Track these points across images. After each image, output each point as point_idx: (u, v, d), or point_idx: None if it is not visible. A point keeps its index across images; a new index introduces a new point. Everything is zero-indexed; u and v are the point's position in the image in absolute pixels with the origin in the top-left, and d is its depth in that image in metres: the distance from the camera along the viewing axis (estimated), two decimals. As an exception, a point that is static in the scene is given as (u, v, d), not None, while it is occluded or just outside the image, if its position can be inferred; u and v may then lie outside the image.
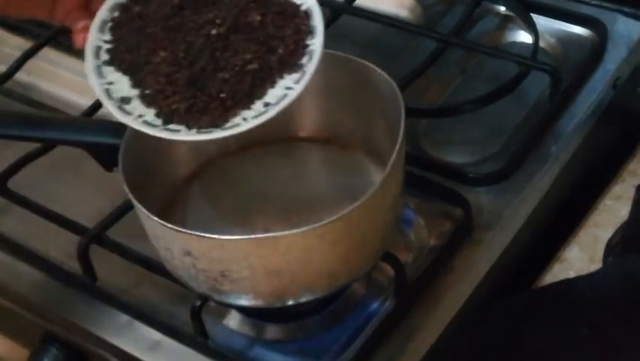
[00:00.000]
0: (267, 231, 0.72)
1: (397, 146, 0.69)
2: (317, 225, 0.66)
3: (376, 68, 0.74)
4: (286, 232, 0.66)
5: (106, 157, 0.73)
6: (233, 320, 0.77)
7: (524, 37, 0.92)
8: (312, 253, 0.67)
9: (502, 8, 0.94)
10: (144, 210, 0.68)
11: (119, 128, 0.73)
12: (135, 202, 0.69)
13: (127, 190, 0.69)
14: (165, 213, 0.76)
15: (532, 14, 0.91)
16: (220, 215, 0.77)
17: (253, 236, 0.67)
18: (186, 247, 0.68)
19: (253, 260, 0.67)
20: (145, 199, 0.69)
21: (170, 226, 0.68)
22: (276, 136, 0.80)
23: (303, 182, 0.79)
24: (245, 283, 0.69)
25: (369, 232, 0.69)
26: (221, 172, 0.79)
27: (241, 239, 0.67)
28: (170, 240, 0.70)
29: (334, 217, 0.66)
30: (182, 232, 0.68)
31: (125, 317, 0.78)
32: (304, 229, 0.66)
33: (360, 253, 0.70)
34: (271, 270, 0.68)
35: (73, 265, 0.80)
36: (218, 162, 0.80)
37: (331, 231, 0.67)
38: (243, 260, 0.67)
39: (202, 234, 0.67)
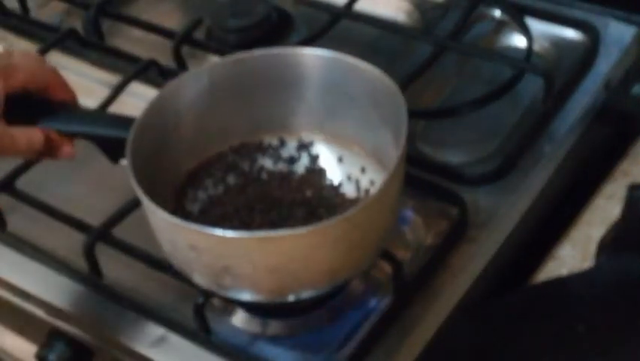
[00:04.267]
0: (267, 229, 0.74)
1: (400, 151, 0.69)
2: (319, 225, 0.67)
3: (380, 72, 0.74)
4: (289, 232, 0.67)
5: (113, 150, 0.73)
6: (235, 317, 0.77)
7: (519, 40, 0.92)
8: (313, 251, 0.68)
9: (497, 13, 0.95)
10: (150, 202, 0.68)
11: (127, 121, 0.74)
12: (141, 194, 0.69)
13: (133, 182, 0.69)
14: (171, 206, 0.77)
15: (526, 19, 0.92)
16: (224, 211, 0.77)
17: (256, 234, 0.68)
18: (191, 242, 0.68)
19: (255, 257, 0.67)
20: (151, 192, 0.69)
21: (175, 219, 0.68)
22: (280, 136, 0.81)
23: (307, 181, 0.79)
24: (247, 278, 0.69)
25: (369, 232, 0.70)
26: (226, 168, 0.80)
27: (244, 237, 0.67)
28: (174, 234, 0.70)
29: (336, 219, 0.67)
30: (187, 226, 0.68)
31: (130, 314, 0.79)
32: (306, 228, 0.66)
33: (360, 252, 0.70)
34: (272, 267, 0.68)
35: (80, 263, 0.81)
36: (225, 159, 0.80)
37: (333, 231, 0.67)
38: (245, 257, 0.67)
39: (207, 229, 0.68)
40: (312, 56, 0.77)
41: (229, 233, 0.67)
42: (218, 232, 0.67)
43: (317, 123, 0.80)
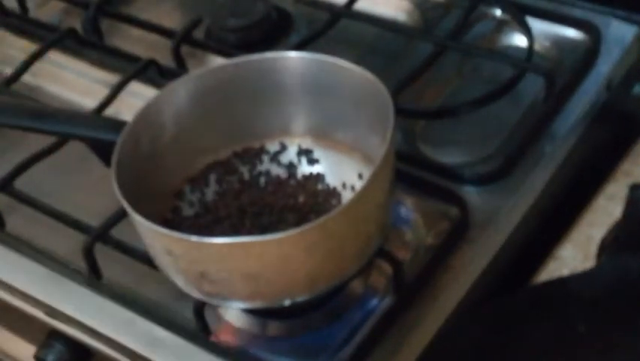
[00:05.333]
0: (256, 233, 0.73)
1: (382, 157, 0.68)
2: (291, 232, 0.66)
3: (371, 75, 0.73)
4: (260, 238, 0.66)
5: (106, 153, 0.73)
6: (235, 317, 0.77)
7: (519, 40, 0.92)
8: (287, 259, 0.67)
9: (498, 12, 0.94)
10: (128, 205, 0.68)
11: (120, 125, 0.74)
12: (121, 198, 0.69)
13: (115, 186, 0.69)
14: (168, 211, 0.77)
15: (527, 18, 0.91)
16: (217, 216, 0.77)
17: (227, 240, 0.67)
18: (166, 246, 0.68)
19: (229, 263, 0.67)
20: (144, 197, 0.69)
21: (148, 223, 0.68)
22: (281, 141, 0.80)
23: (303, 186, 0.79)
24: (224, 284, 0.69)
25: (347, 240, 0.68)
26: (226, 173, 0.80)
27: (215, 242, 0.66)
28: (151, 238, 0.70)
29: (308, 225, 0.66)
30: (160, 231, 0.68)
31: (129, 314, 0.78)
32: (278, 235, 0.66)
33: (339, 261, 0.69)
34: (247, 274, 0.67)
35: (79, 263, 0.81)
36: (226, 164, 0.80)
37: (306, 238, 0.66)
38: (219, 263, 0.67)
39: (178, 234, 0.67)
40: (307, 60, 0.77)
41: (200, 238, 0.66)
42: (189, 237, 0.67)
43: (317, 128, 0.79)
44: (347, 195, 0.77)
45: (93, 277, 0.81)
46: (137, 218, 0.68)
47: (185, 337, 0.76)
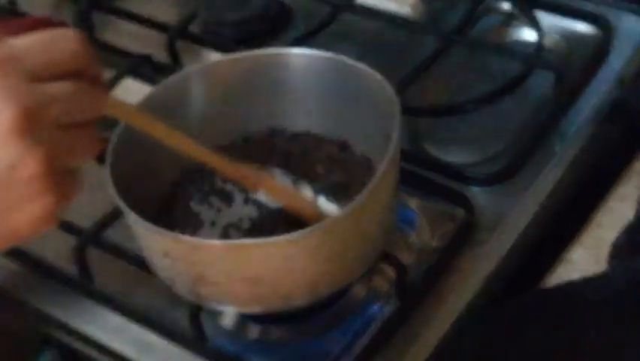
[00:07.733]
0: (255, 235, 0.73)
1: (389, 157, 0.67)
2: (293, 234, 0.65)
3: (374, 72, 0.73)
4: (260, 240, 0.66)
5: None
6: (231, 322, 0.76)
7: (528, 34, 0.92)
8: (288, 262, 0.66)
9: (506, 5, 0.94)
10: (123, 204, 0.67)
11: (113, 122, 0.72)
12: (116, 198, 0.68)
13: (110, 185, 0.68)
14: (162, 212, 0.76)
15: (536, 11, 0.91)
16: (211, 216, 0.76)
17: (227, 242, 0.68)
18: (164, 248, 0.68)
19: (228, 266, 0.66)
20: (133, 197, 0.68)
21: (145, 224, 0.67)
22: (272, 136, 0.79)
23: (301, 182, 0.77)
24: (222, 288, 0.68)
25: (351, 243, 0.68)
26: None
27: (215, 244, 0.67)
28: (148, 239, 0.69)
29: (310, 228, 0.66)
30: (157, 231, 0.67)
31: (122, 319, 0.78)
32: (279, 237, 0.65)
33: (342, 265, 0.69)
34: (247, 277, 0.67)
35: (70, 267, 0.80)
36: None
37: (308, 241, 0.66)
38: (218, 265, 0.67)
39: (177, 235, 0.67)
40: (308, 56, 0.76)
41: (199, 240, 0.67)
42: (188, 238, 0.67)
43: (317, 127, 0.78)
44: None
45: (84, 281, 0.80)
46: (134, 218, 0.67)
47: (179, 343, 0.76)
